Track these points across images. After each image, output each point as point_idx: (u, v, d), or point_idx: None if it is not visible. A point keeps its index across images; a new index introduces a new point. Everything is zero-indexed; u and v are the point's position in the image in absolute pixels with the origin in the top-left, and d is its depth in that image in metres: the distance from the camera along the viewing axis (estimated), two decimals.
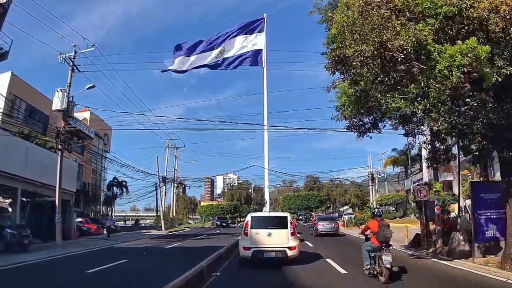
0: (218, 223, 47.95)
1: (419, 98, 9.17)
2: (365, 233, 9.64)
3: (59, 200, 18.59)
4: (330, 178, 74.22)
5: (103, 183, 46.87)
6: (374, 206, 48.07)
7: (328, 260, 11.08)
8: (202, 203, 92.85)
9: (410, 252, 13.77)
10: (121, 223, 66.53)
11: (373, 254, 8.46)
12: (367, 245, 8.83)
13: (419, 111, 9.24)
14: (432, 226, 15.41)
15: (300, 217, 57.32)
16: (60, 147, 19.27)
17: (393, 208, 44.38)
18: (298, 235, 11.73)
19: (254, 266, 10.19)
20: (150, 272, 9.83)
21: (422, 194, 15.14)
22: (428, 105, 9.21)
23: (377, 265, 8.21)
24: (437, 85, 9.33)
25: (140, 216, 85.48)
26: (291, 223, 10.74)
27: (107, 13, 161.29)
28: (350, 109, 9.25)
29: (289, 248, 10.20)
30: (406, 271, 9.21)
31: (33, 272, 10.44)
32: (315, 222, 26.66)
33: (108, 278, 9.06)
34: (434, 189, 14.84)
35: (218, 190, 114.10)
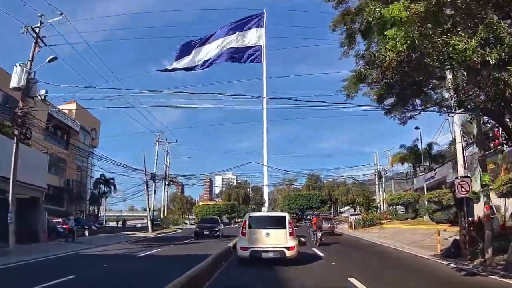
0: (198, 229, 26.05)
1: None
2: (312, 222, 20.32)
3: (12, 196, 15.27)
4: (331, 177, 71.26)
5: (90, 181, 43.57)
6: (381, 206, 45.10)
7: (353, 281, 7.74)
8: (200, 203, 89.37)
9: (453, 265, 10.44)
10: (113, 224, 63.52)
11: (314, 232, 18.43)
12: (312, 229, 19.77)
13: (492, 61, 6.30)
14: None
15: (308, 217, 53.87)
16: (16, 132, 15.90)
17: (402, 209, 41.22)
18: (302, 239, 12.34)
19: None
20: None
21: (463, 190, 11.88)
22: (503, 54, 6.32)
23: (315, 237, 17.86)
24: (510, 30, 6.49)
25: (138, 216, 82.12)
26: (289, 223, 10.68)
27: (107, 13, 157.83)
28: (402, 46, 5.92)
29: (288, 248, 10.13)
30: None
31: None
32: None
33: None
34: (483, 182, 11.48)
35: (218, 190, 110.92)
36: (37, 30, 18.42)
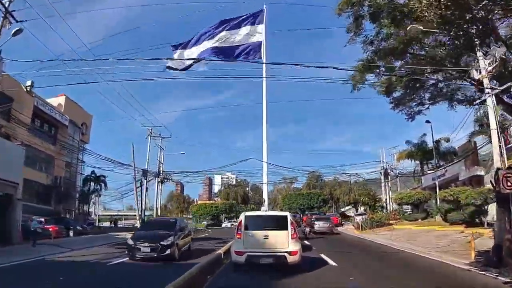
0: (132, 243, 11.88)
1: None
2: (303, 220, 29.84)
3: None
4: (333, 176, 69.15)
5: (80, 178, 41.27)
6: (387, 205, 42.83)
7: None
8: (199, 202, 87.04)
9: (504, 279, 8.14)
10: (106, 223, 61.44)
11: (304, 228, 23.56)
12: (302, 226, 24.28)
13: None
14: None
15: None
16: None
17: (407, 208, 38.95)
18: (306, 241, 12.48)
19: None
20: None
21: (509, 184, 9.60)
22: None
23: (304, 233, 22.44)
24: None
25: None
26: (291, 223, 9.47)
27: (106, 12, 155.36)
28: None
29: (290, 253, 8.96)
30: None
31: None
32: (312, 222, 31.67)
33: None
34: None
35: (218, 189, 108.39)
36: (6, 3, 16.33)
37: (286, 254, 8.85)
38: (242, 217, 9.64)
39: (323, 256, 11.76)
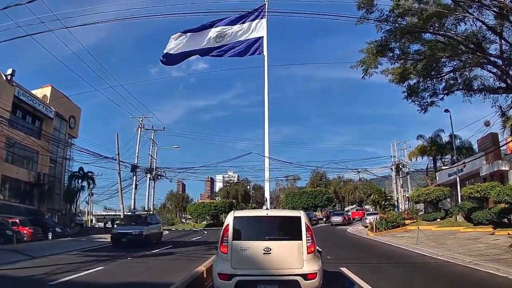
0: None
1: None
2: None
3: None
4: (338, 174, 66.76)
5: (67, 175, 38.43)
6: (399, 204, 40.14)
7: None
8: (194, 202, 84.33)
9: None
10: (100, 224, 59.00)
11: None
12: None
13: None
14: None
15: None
16: None
17: (421, 208, 36.10)
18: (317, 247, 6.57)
19: None
20: None
21: None
22: None
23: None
24: None
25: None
26: (307, 229, 5.91)
27: (107, 13, 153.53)
28: None
29: (305, 276, 5.52)
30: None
31: None
32: (329, 216, 43.88)
33: None
34: None
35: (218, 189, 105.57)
36: None
37: (299, 278, 5.67)
38: (229, 219, 6.21)
39: (345, 271, 8.46)
